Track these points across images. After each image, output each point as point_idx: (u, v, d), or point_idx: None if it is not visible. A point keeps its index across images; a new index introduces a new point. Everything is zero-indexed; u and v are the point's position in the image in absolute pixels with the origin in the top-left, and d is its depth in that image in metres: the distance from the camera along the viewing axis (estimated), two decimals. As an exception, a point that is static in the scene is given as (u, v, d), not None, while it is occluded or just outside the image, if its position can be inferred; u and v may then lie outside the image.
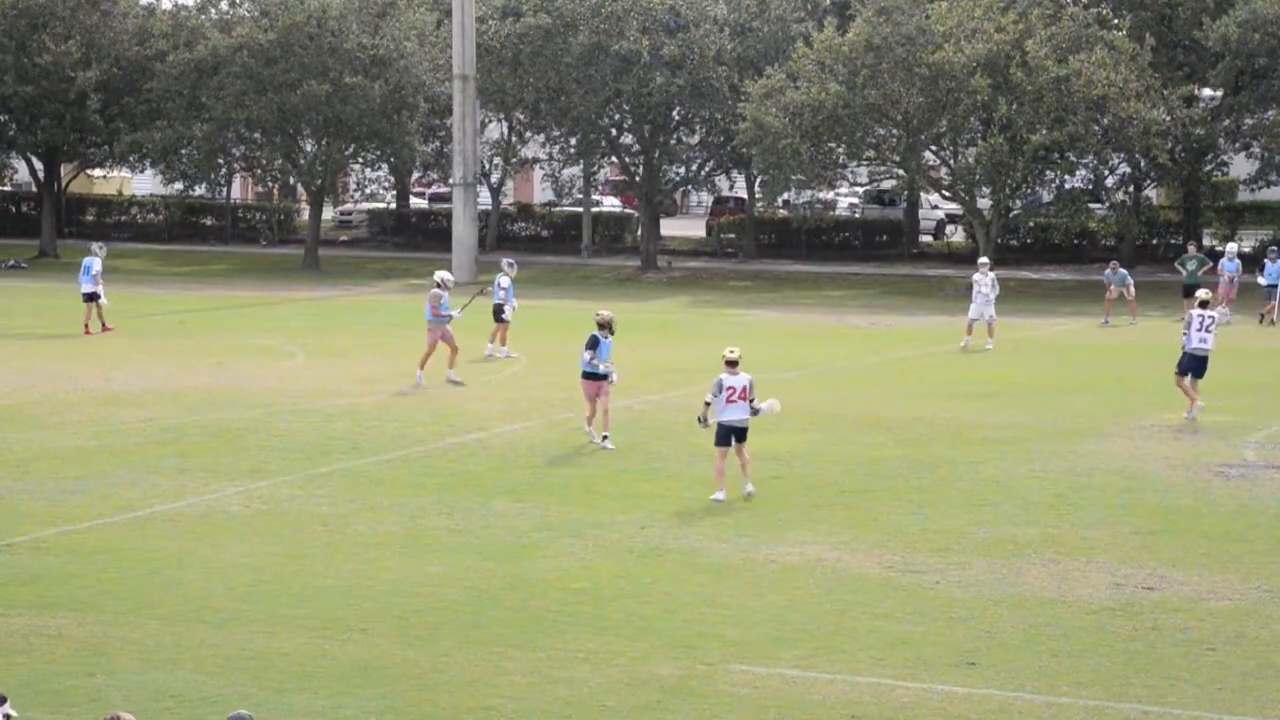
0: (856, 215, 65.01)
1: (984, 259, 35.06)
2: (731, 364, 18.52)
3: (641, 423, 23.85)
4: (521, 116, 58.13)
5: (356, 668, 12.71)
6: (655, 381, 28.18)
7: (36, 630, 13.39)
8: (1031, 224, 55.24)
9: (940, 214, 64.09)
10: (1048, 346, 35.42)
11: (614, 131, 56.10)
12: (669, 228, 64.71)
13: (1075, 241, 55.99)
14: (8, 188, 69.67)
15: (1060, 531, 17.37)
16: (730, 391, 18.45)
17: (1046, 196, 51.88)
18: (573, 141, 56.58)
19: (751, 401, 18.53)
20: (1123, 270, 40.64)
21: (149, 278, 50.80)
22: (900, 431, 23.33)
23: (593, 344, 21.62)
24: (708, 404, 18.71)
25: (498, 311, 30.96)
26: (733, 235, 61.01)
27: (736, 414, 18.46)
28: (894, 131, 49.51)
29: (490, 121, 59.85)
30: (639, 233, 57.91)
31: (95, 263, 34.29)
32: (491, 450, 21.51)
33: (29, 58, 53.54)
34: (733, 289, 50.01)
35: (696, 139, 56.31)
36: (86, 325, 33.92)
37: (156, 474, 19.63)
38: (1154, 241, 55.31)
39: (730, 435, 18.51)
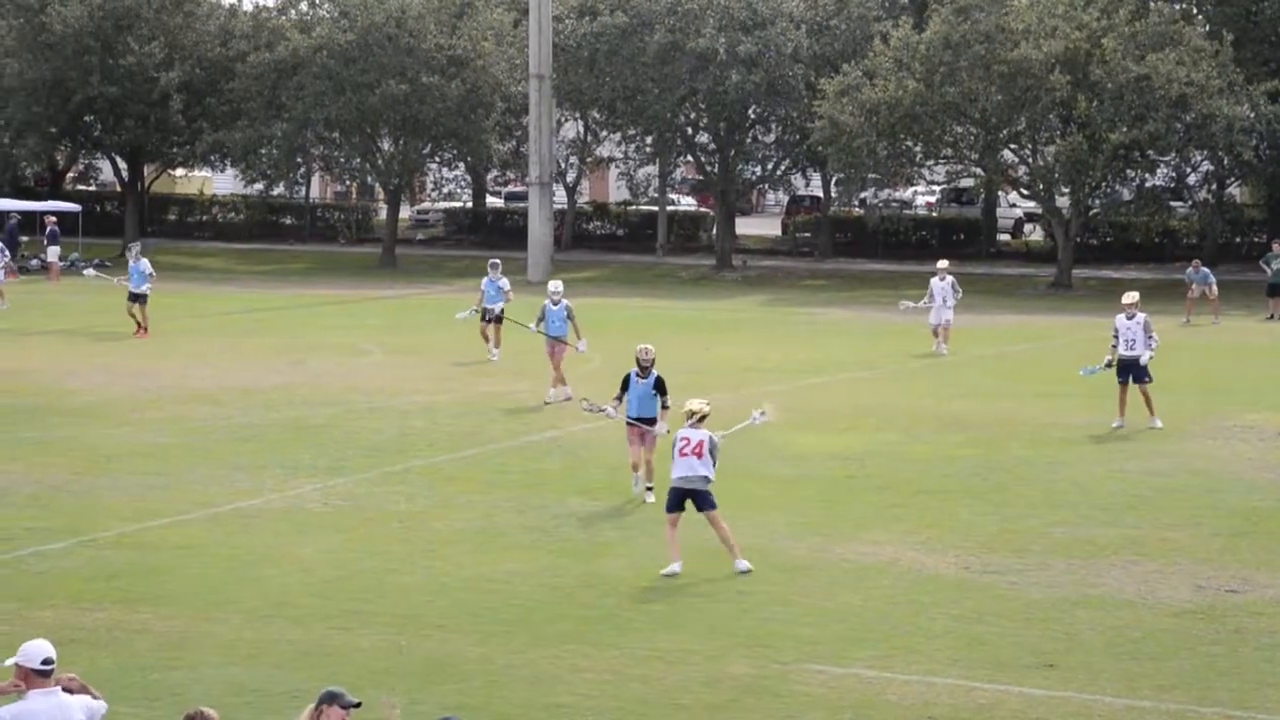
0: (933, 214, 64.61)
1: (942, 262, 33.02)
2: (696, 417, 15.61)
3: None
4: (597, 115, 58.23)
5: (432, 664, 12.77)
6: (728, 380, 28.13)
7: (120, 624, 13.56)
8: (1111, 223, 54.68)
9: (1018, 212, 63.55)
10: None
11: (689, 130, 56.07)
12: (744, 226, 64.57)
13: (1156, 240, 55.36)
14: (93, 188, 70.67)
15: (1140, 533, 17.17)
16: (684, 443, 15.29)
17: (1127, 195, 51.29)
18: (648, 140, 56.62)
19: (713, 467, 15.36)
20: (1205, 269, 40.14)
21: (228, 276, 51.35)
22: (977, 431, 23.16)
23: (626, 386, 18.48)
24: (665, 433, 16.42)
25: (486, 313, 30.26)
26: (808, 234, 60.81)
27: (683, 469, 15.23)
28: (971, 129, 49.17)
29: (566, 120, 59.99)
30: (714, 231, 57.84)
31: (146, 263, 34.10)
32: (565, 448, 21.55)
33: (114, 59, 54.23)
34: (808, 288, 49.85)
35: (772, 137, 56.19)
36: (142, 326, 33.57)
37: (236, 470, 19.82)
38: (1237, 240, 54.57)
39: (681, 499, 15.26)
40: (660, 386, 18.31)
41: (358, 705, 8.27)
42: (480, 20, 54.03)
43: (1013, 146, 50.25)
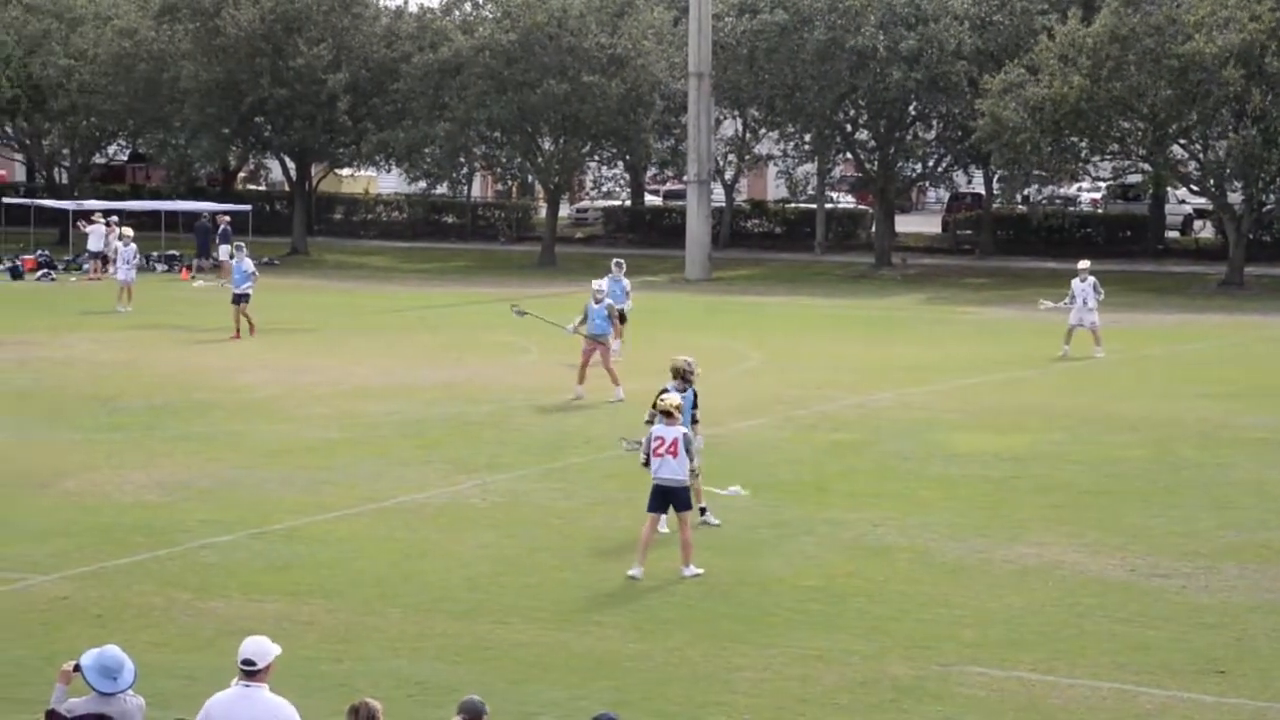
0: (1099, 210, 63.39)
1: (1084, 262, 32.28)
2: (667, 414, 15.32)
3: (874, 421, 23.66)
4: (756, 113, 58.10)
5: (591, 660, 12.86)
6: (889, 379, 27.91)
7: (289, 616, 13.85)
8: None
9: (1187, 209, 62.10)
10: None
11: (849, 127, 55.69)
12: (903, 224, 64.01)
13: (1333, 237, 53.77)
14: (262, 188, 72.28)
15: (1315, 538, 16.69)
16: (659, 444, 15.19)
17: (1303, 190, 49.85)
18: (807, 138, 56.36)
19: (693, 461, 15.33)
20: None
21: (392, 274, 52.18)
22: (1145, 431, 22.70)
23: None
24: (644, 465, 15.54)
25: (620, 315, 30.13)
26: (969, 231, 60.06)
27: (665, 471, 15.18)
28: (1139, 125, 48.12)
29: (725, 118, 59.94)
30: (873, 229, 57.41)
31: (249, 263, 33.96)
32: (725, 446, 21.53)
33: (284, 61, 55.39)
34: (969, 286, 49.23)
35: (933, 134, 55.59)
36: (239, 330, 33.07)
37: (400, 466, 20.14)
38: None
39: (664, 499, 15.28)
40: (694, 402, 17.30)
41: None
42: (641, 19, 54.23)
43: (1182, 141, 49.10)
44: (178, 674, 12.04)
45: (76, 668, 8.95)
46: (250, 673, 8.77)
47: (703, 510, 17.12)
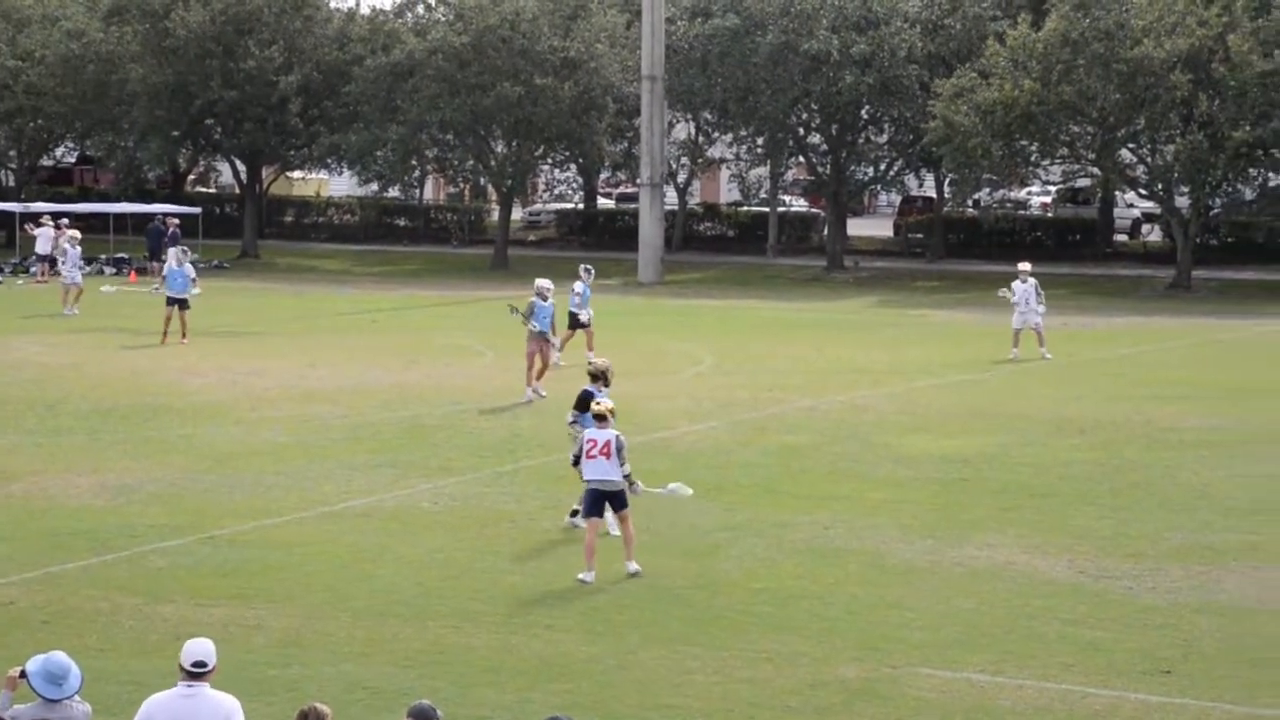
0: (1048, 214, 63.82)
1: (1024, 264, 32.40)
2: (600, 418, 15.41)
3: (825, 423, 23.73)
4: (709, 117, 58.21)
5: (542, 663, 12.84)
6: (840, 382, 28.01)
7: (236, 620, 13.78)
8: (1233, 223, 53.66)
9: (1136, 212, 62.59)
10: (1248, 348, 34.40)
11: (801, 131, 55.87)
12: (855, 227, 64.23)
13: None
14: (213, 190, 71.86)
15: (1261, 538, 16.85)
16: (591, 445, 15.25)
17: (1249, 195, 50.34)
18: (760, 141, 56.49)
19: (623, 466, 15.22)
20: (1331, 270, 39.32)
21: (344, 277, 51.98)
22: (1092, 434, 22.86)
23: (582, 404, 17.12)
24: (574, 465, 15.79)
25: (573, 319, 30.12)
26: (920, 235, 60.34)
27: (596, 472, 15.20)
28: (1088, 129, 48.52)
29: (678, 122, 60.01)
30: (825, 232, 57.60)
31: (189, 268, 33.46)
32: (675, 449, 21.56)
33: (235, 63, 55.11)
34: (920, 289, 49.46)
35: (885, 138, 55.82)
36: (165, 333, 32.51)
37: (350, 470, 20.07)
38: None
39: (601, 501, 15.31)
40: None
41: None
42: (594, 22, 54.24)
43: (1131, 146, 49.51)
44: (124, 679, 11.95)
45: (22, 674, 8.88)
46: (200, 674, 8.76)
47: (573, 513, 16.96)
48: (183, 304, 33.00)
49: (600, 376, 17.28)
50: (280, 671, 12.48)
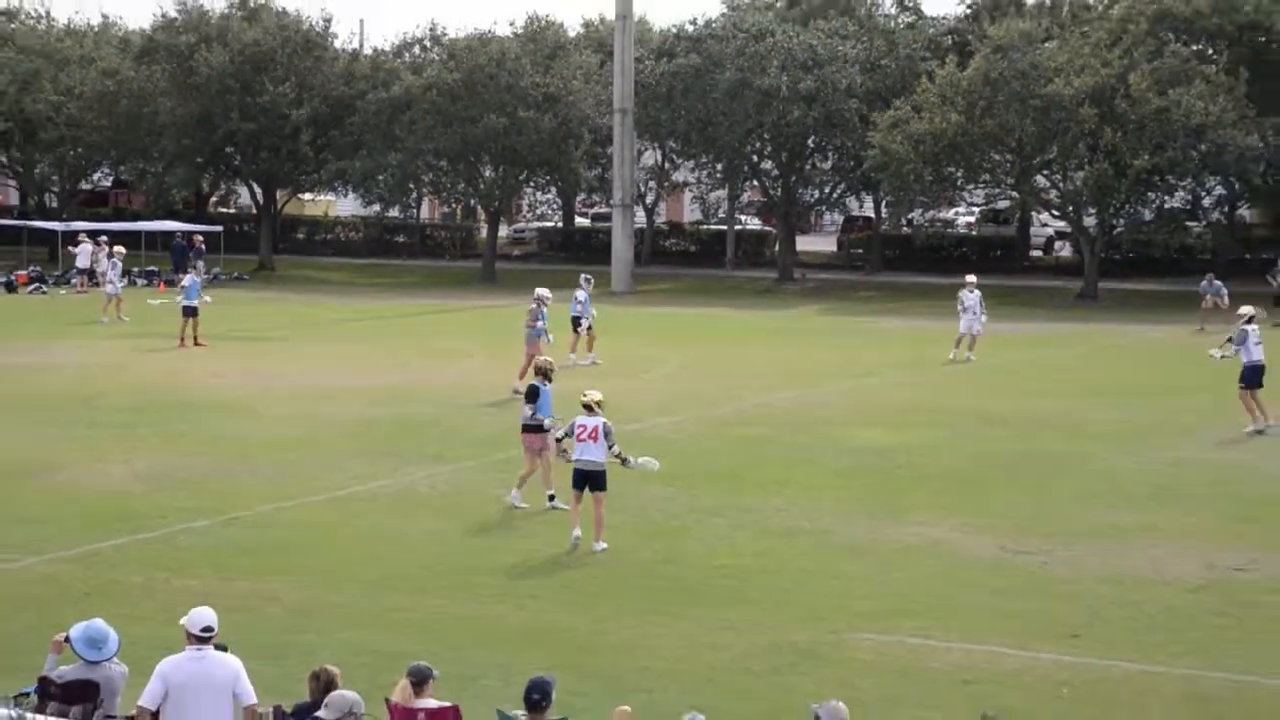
0: (973, 232, 64.07)
1: (971, 277, 32.45)
2: (587, 408, 15.66)
3: (779, 418, 23.79)
4: (673, 145, 58.20)
5: (526, 630, 12.86)
6: (792, 381, 28.08)
7: (255, 593, 13.76)
8: (1133, 240, 53.98)
9: (1049, 231, 62.88)
10: (1149, 351, 34.63)
11: (755, 158, 55.93)
12: (804, 243, 64.29)
13: (1174, 256, 54.55)
14: (232, 210, 71.57)
15: (1159, 519, 16.99)
16: (581, 430, 15.53)
17: (1148, 215, 50.60)
18: (719, 167, 56.53)
19: (612, 448, 15.48)
20: (1218, 282, 39.58)
21: (349, 288, 51.81)
22: (1014, 426, 22.98)
23: (532, 395, 17.50)
24: (559, 440, 16.14)
25: (575, 323, 30.29)
26: (861, 250, 60.47)
27: (586, 454, 15.46)
28: (1008, 157, 48.74)
29: (646, 150, 60.00)
30: (776, 248, 57.68)
31: (200, 280, 33.35)
32: (647, 440, 21.57)
33: (252, 98, 54.96)
34: (861, 299, 49.58)
35: (829, 164, 55.90)
36: (183, 339, 32.29)
37: (354, 459, 20.02)
38: (1247, 256, 53.73)
39: (584, 480, 15.51)
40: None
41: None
42: (570, 61, 54.28)
43: (1045, 172, 49.73)
44: (156, 644, 11.86)
45: (66, 639, 8.89)
46: (207, 638, 8.78)
47: (551, 498, 17.00)
48: (193, 311, 32.70)
49: (543, 372, 17.82)
50: (294, 638, 12.48)
